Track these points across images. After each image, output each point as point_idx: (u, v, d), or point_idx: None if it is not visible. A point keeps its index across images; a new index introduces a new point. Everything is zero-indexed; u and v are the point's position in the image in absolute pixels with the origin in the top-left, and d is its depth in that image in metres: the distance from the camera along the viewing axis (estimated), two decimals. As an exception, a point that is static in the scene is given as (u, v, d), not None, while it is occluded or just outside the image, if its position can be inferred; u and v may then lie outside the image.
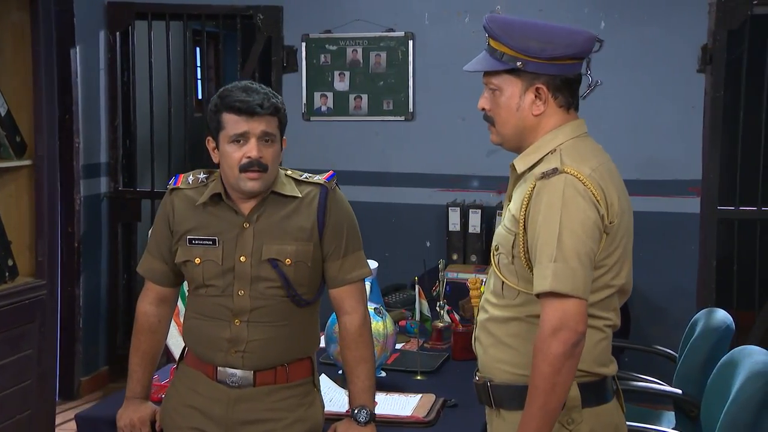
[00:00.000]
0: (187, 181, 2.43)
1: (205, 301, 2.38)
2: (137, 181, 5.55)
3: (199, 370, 2.41)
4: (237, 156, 2.28)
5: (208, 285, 2.36)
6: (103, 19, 5.34)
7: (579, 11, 4.91)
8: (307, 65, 5.22)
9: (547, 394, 1.92)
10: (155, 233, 2.48)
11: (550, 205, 1.96)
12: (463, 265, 4.82)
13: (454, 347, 3.32)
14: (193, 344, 2.43)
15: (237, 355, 2.35)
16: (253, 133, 2.28)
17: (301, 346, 2.41)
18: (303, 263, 2.35)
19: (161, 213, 2.46)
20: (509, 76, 2.12)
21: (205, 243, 2.36)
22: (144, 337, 2.50)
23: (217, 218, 2.37)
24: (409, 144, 5.16)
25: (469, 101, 5.06)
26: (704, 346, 3.31)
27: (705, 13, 4.75)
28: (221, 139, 2.31)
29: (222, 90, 2.34)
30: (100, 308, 5.44)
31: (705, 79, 4.76)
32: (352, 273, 2.41)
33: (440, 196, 5.10)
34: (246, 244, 2.34)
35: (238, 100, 2.27)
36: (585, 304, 1.94)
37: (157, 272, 2.48)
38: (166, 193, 2.47)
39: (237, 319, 2.34)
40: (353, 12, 5.16)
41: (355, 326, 2.41)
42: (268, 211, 2.36)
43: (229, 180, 2.33)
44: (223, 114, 2.29)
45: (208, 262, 2.36)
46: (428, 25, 5.11)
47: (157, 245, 2.47)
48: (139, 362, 2.50)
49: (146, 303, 2.51)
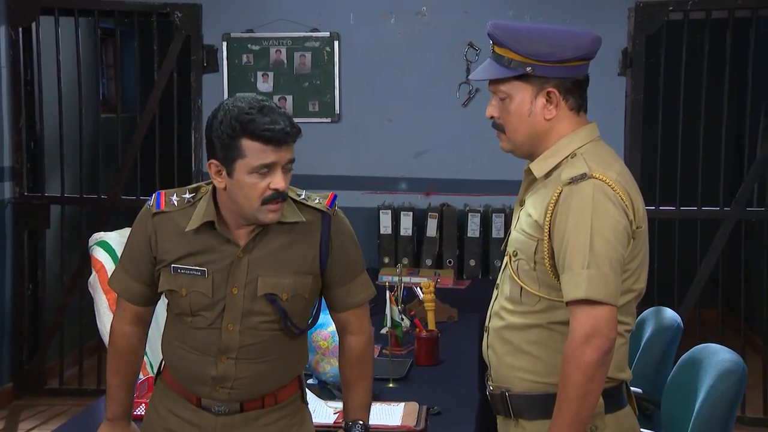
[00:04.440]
0: (171, 203, 2.17)
1: (189, 332, 2.18)
2: (45, 185, 5.25)
3: (180, 394, 2.23)
4: (261, 187, 2.04)
5: (195, 315, 2.16)
6: (4, 13, 5.04)
7: (504, 14, 4.97)
8: (228, 65, 5.08)
9: (580, 402, 1.91)
10: (133, 253, 2.22)
11: (580, 211, 1.94)
12: (394, 268, 4.77)
13: (418, 353, 3.28)
14: (175, 371, 2.24)
15: (223, 391, 2.16)
16: (280, 163, 2.04)
17: (291, 372, 2.27)
18: (300, 296, 2.17)
19: (140, 235, 2.19)
20: (519, 82, 2.10)
21: (192, 273, 2.13)
22: (125, 358, 2.29)
23: (207, 246, 2.13)
24: (336, 146, 5.09)
25: (396, 102, 5.14)
26: (658, 344, 3.38)
27: (625, 17, 4.88)
28: (238, 167, 2.03)
29: (236, 111, 2.02)
30: (4, 321, 5.15)
31: (626, 82, 4.90)
32: (359, 296, 2.26)
33: (368, 198, 5.05)
34: (239, 276, 2.12)
35: (266, 128, 2.00)
36: (616, 310, 1.93)
37: (136, 294, 2.24)
38: (145, 214, 2.19)
39: (224, 356, 2.14)
40: (276, 11, 5.05)
41: (362, 346, 2.28)
42: (266, 239, 2.14)
43: (242, 210, 2.08)
44: (243, 140, 2.01)
45: (195, 294, 2.14)
46: (354, 26, 5.05)
47: (135, 266, 2.21)
48: (120, 384, 2.29)
49: (124, 323, 2.27)
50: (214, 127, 2.05)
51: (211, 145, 2.07)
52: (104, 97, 6.19)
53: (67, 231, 5.26)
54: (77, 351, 5.26)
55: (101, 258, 3.34)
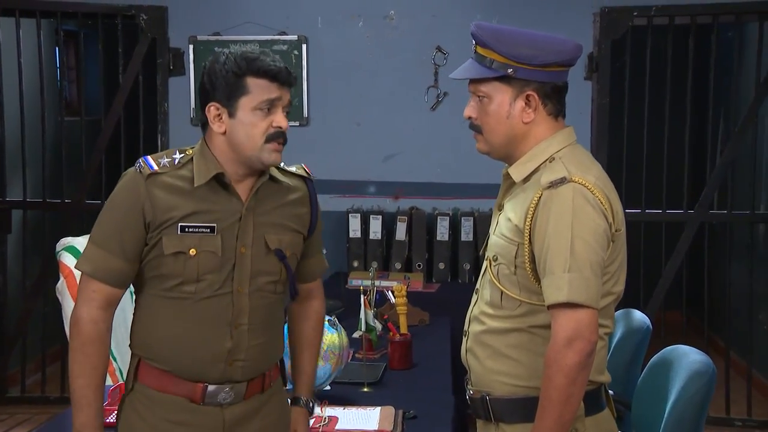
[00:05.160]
0: (163, 164, 2.08)
1: (194, 306, 2.06)
2: (6, 190, 5.16)
3: (175, 394, 2.07)
4: (263, 125, 2.03)
5: (200, 280, 2.05)
6: (-38, 14, 4.95)
7: (471, 17, 4.97)
8: (195, 68, 5.03)
9: (562, 405, 1.92)
10: (117, 225, 2.06)
11: (560, 215, 1.95)
12: (364, 272, 4.77)
13: (391, 356, 3.27)
14: (172, 361, 2.07)
15: (236, 366, 2.08)
16: (282, 102, 2.05)
17: (280, 348, 2.25)
18: (295, 256, 2.18)
19: (128, 201, 2.06)
20: (499, 84, 2.10)
21: (201, 231, 2.04)
22: (93, 348, 2.05)
23: (212, 203, 2.07)
24: (304, 150, 5.01)
25: (364, 106, 5.13)
26: (628, 346, 3.42)
27: (590, 22, 4.93)
28: (242, 105, 2.03)
29: (240, 53, 2.06)
30: (-36, 328, 5.05)
31: (591, 87, 4.94)
32: (323, 265, 2.36)
33: (336, 202, 5.04)
34: (246, 234, 2.08)
35: (272, 65, 2.03)
36: (597, 313, 1.94)
37: (115, 272, 2.06)
38: (134, 178, 2.08)
39: (237, 323, 2.08)
40: (243, 14, 5.02)
41: (322, 309, 2.38)
42: (265, 196, 2.12)
43: (244, 152, 2.05)
44: (248, 78, 2.02)
45: (205, 254, 2.04)
46: (321, 29, 5.04)
47: (119, 241, 2.05)
48: (87, 383, 2.05)
49: (93, 308, 2.06)
50: (217, 69, 2.05)
51: (211, 87, 2.06)
52: (66, 100, 6.10)
53: (30, 236, 5.18)
54: (40, 357, 5.17)
55: (69, 263, 3.29)
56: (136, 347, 2.14)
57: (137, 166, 2.10)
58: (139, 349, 2.12)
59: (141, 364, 2.11)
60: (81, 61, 5.25)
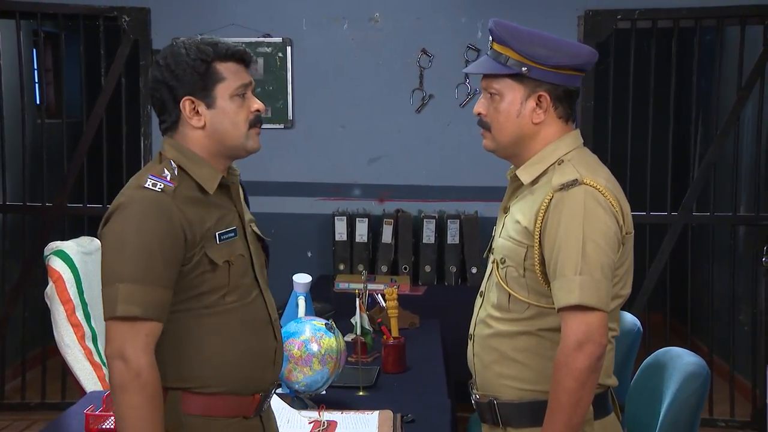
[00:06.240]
0: (174, 177, 1.95)
1: (238, 313, 1.97)
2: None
3: (230, 415, 1.96)
4: (244, 111, 1.97)
5: (239, 287, 1.98)
6: (-61, 15, 4.88)
7: (456, 20, 4.99)
8: (178, 70, 4.97)
9: (572, 409, 1.91)
10: (155, 255, 1.86)
11: (572, 217, 1.95)
12: (350, 275, 4.75)
13: (385, 360, 3.25)
14: (229, 380, 1.95)
15: (278, 364, 2.06)
16: (251, 86, 2.01)
17: None
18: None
19: (164, 226, 1.88)
20: (512, 82, 2.10)
21: (230, 236, 1.98)
22: (160, 400, 1.86)
23: (222, 206, 2.01)
24: (289, 152, 5.05)
25: (349, 108, 5.11)
26: (620, 348, 3.41)
27: (575, 25, 4.95)
28: (219, 93, 1.95)
29: (196, 41, 1.96)
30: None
31: (576, 89, 4.95)
32: None
33: (322, 205, 5.02)
34: (246, 229, 2.07)
35: (235, 47, 1.96)
36: (607, 316, 1.94)
37: (165, 305, 1.88)
38: (157, 201, 1.90)
39: (273, 318, 2.05)
40: (227, 16, 4.98)
41: None
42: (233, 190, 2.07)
43: (229, 142, 1.97)
44: (217, 64, 1.95)
45: (238, 259, 1.98)
46: (306, 31, 5.02)
47: (160, 270, 1.86)
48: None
49: (150, 353, 1.85)
50: (180, 61, 1.94)
51: (177, 82, 1.94)
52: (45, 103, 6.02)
53: (9, 240, 5.10)
54: (19, 363, 5.10)
55: (58, 267, 3.23)
56: (175, 381, 1.93)
57: (154, 186, 1.91)
58: (182, 381, 1.94)
59: (184, 398, 1.93)
60: (62, 63, 5.18)
